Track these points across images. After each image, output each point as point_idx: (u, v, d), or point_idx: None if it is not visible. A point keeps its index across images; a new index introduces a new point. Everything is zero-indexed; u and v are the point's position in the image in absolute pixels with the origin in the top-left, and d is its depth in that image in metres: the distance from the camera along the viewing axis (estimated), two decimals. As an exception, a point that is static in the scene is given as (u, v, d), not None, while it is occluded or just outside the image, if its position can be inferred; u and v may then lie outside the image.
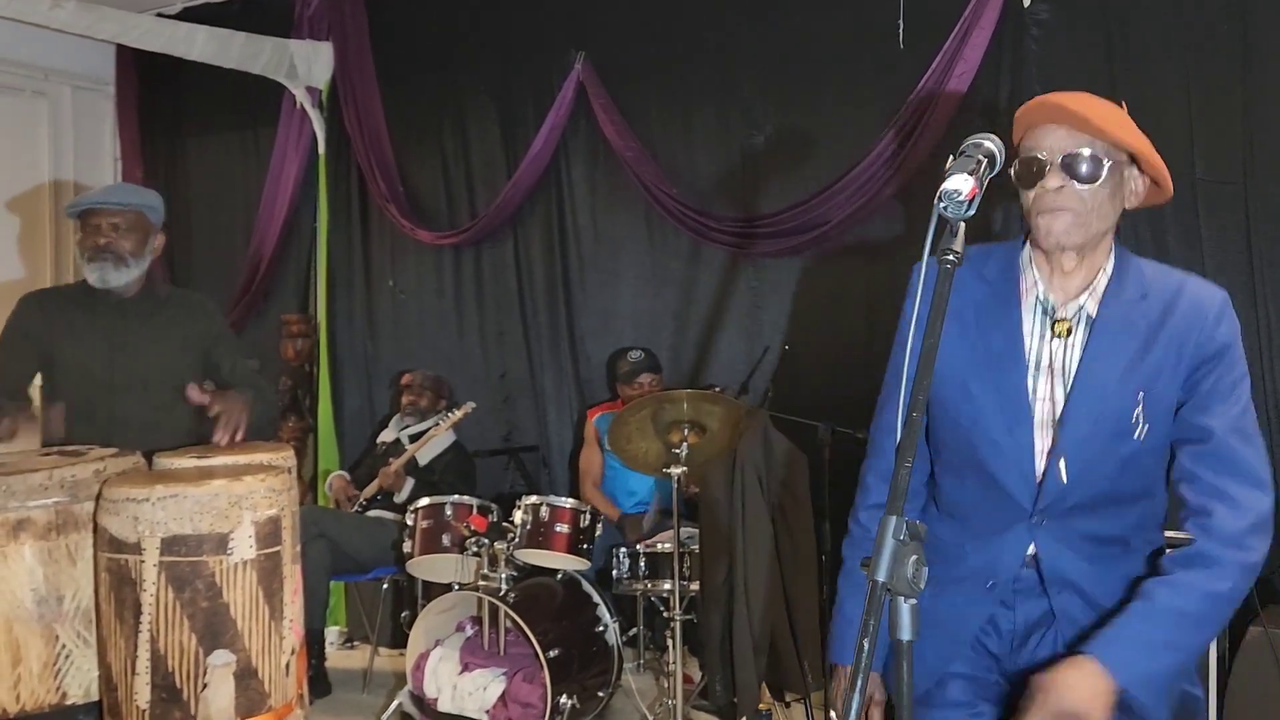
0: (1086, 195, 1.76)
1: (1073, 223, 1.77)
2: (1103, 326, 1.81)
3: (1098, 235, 1.81)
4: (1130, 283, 1.83)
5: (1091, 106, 1.78)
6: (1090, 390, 1.79)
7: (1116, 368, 1.79)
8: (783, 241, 4.65)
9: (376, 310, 5.81)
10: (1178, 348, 1.78)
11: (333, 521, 4.59)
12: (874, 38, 4.48)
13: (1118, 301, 1.81)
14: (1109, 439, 1.79)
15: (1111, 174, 1.77)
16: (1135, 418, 1.78)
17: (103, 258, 3.31)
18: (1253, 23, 3.82)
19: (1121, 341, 1.80)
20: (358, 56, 5.66)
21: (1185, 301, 1.81)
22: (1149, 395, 1.78)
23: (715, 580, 3.72)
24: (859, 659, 1.28)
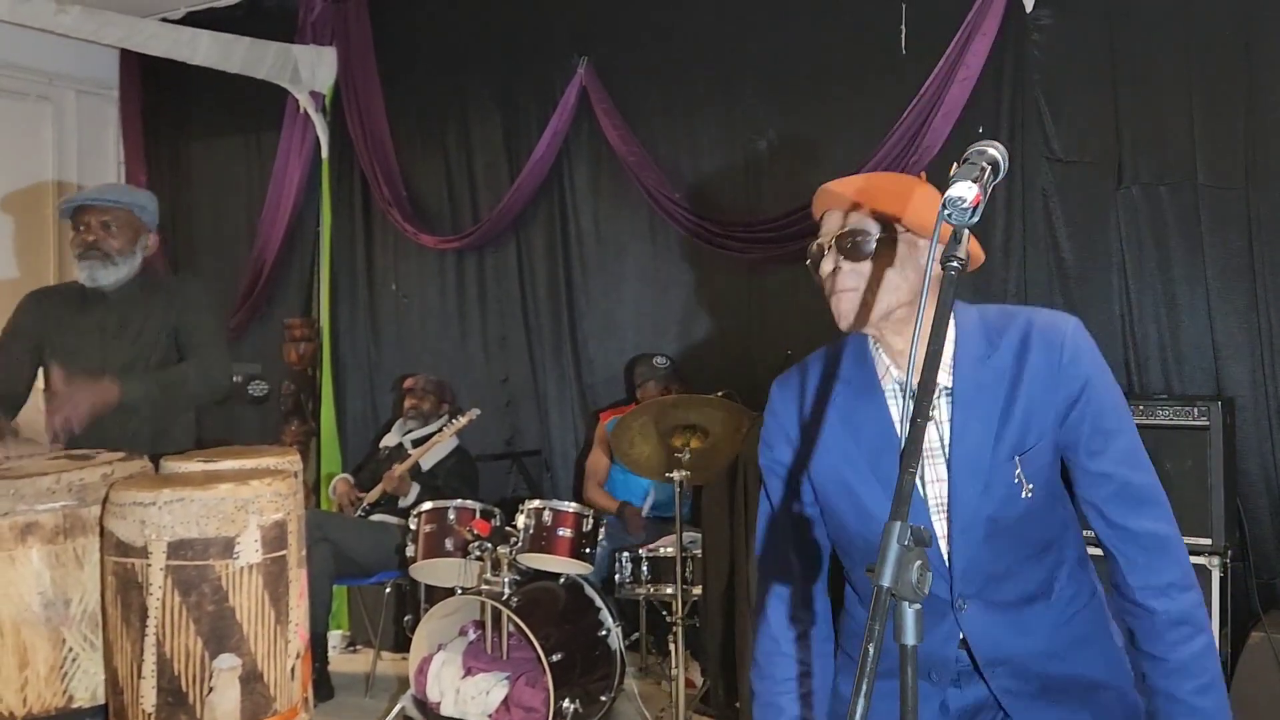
0: (865, 271, 1.74)
1: (855, 302, 1.74)
2: (960, 396, 1.76)
3: (896, 307, 1.75)
4: (975, 339, 1.77)
5: (858, 182, 1.77)
6: (968, 465, 1.74)
7: (986, 437, 1.74)
8: (785, 246, 4.65)
9: (379, 314, 5.83)
10: (1041, 393, 1.73)
11: (336, 525, 4.60)
12: (876, 43, 4.50)
13: (968, 363, 1.76)
14: (999, 508, 1.74)
15: (885, 246, 1.74)
16: (1017, 479, 1.74)
17: (91, 256, 3.32)
18: (1255, 29, 3.83)
19: (983, 406, 1.74)
20: (361, 61, 5.68)
21: (1035, 342, 1.75)
22: (1024, 456, 1.73)
23: (718, 585, 3.72)
24: (863, 665, 1.28)
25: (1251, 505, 3.83)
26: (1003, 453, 1.73)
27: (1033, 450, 1.74)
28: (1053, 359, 1.73)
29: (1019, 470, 1.73)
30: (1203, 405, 3.54)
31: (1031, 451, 1.74)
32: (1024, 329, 1.76)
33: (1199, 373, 3.93)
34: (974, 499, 1.74)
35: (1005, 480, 1.73)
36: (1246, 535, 3.79)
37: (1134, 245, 4.03)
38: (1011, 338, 1.76)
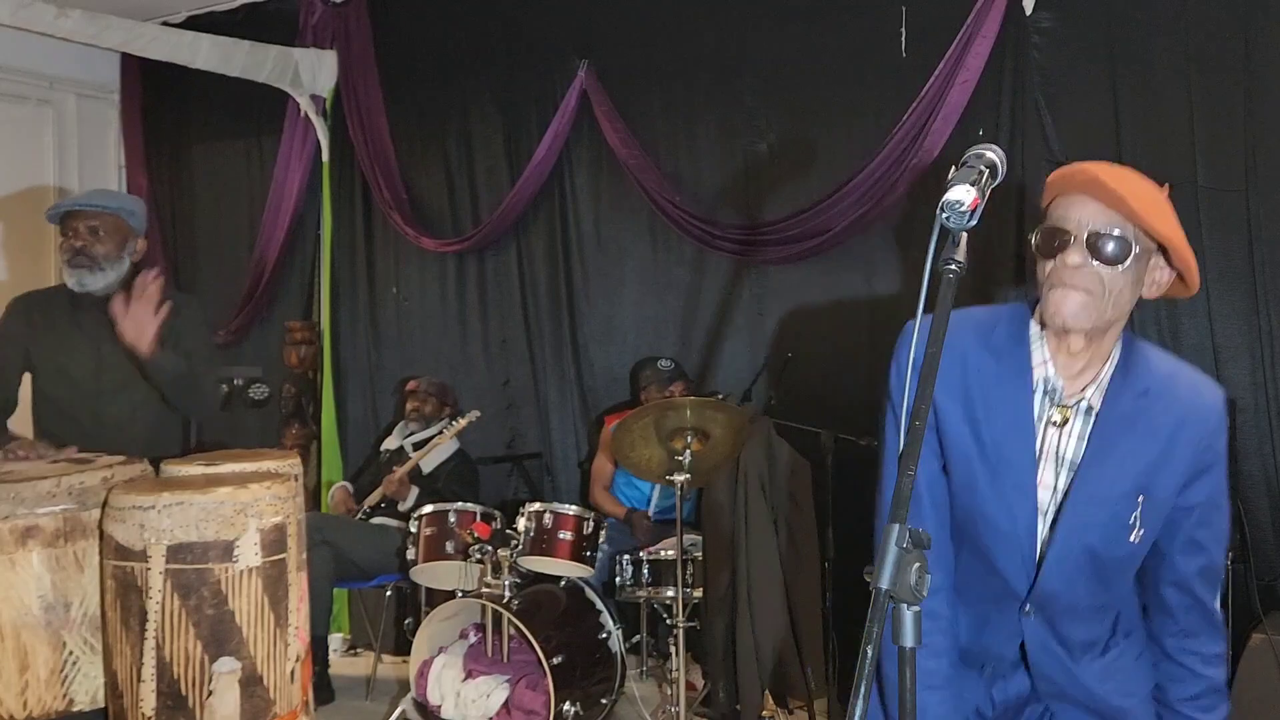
0: (1106, 278, 1.66)
1: (1085, 304, 1.67)
2: (1106, 419, 1.74)
3: (1109, 322, 1.72)
4: (1134, 375, 1.76)
5: (1131, 185, 1.69)
6: (1092, 487, 1.74)
7: (1120, 467, 1.74)
8: (786, 249, 4.66)
9: (380, 317, 5.82)
10: (1180, 451, 1.74)
11: (336, 528, 4.60)
12: (876, 46, 4.50)
13: (1121, 395, 1.74)
14: (1104, 539, 1.76)
15: (1138, 261, 1.68)
16: (1133, 520, 1.74)
17: (79, 261, 3.31)
18: (1255, 30, 3.83)
19: (1124, 439, 1.73)
20: (361, 64, 5.68)
21: (1188, 404, 1.76)
22: (1148, 499, 1.75)
23: (718, 587, 3.72)
24: (862, 667, 1.28)
25: (1252, 507, 3.83)
26: (1131, 486, 1.74)
27: (1155, 494, 1.75)
28: (1203, 426, 1.76)
29: (1138, 512, 1.74)
30: (1203, 407, 3.52)
31: (1154, 494, 1.75)
32: (1185, 386, 1.78)
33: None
34: (1088, 520, 1.75)
35: (1123, 514, 1.74)
36: (1247, 537, 3.78)
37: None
38: (1167, 389, 1.76)
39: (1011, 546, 1.79)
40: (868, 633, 1.30)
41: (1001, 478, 1.76)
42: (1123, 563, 1.81)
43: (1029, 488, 1.76)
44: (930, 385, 1.42)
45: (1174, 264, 1.75)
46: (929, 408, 1.41)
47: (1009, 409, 1.76)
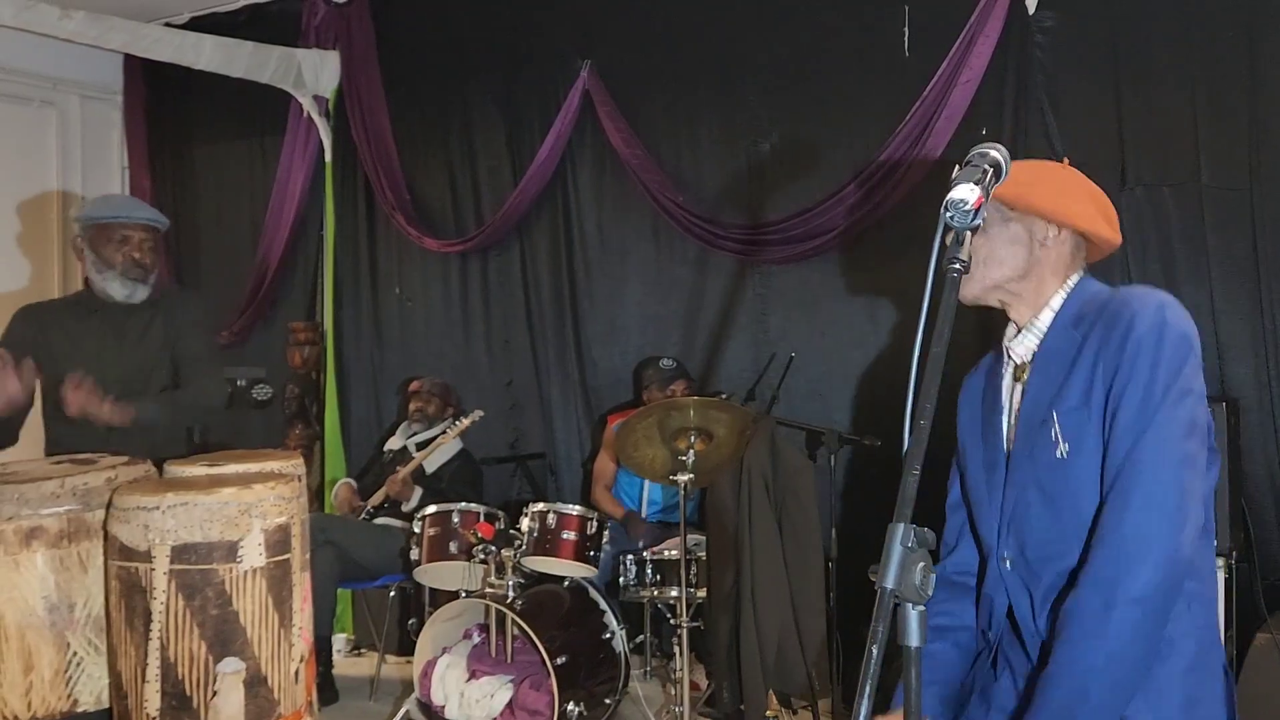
0: (977, 245, 1.82)
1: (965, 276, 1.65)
2: (1039, 358, 1.87)
3: (1006, 280, 1.88)
4: (1071, 314, 1.85)
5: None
6: (1026, 422, 1.85)
7: (1044, 394, 1.83)
8: (789, 249, 4.65)
9: (383, 318, 5.83)
10: (1093, 357, 1.76)
11: (340, 529, 4.60)
12: (879, 45, 4.49)
13: (1055, 333, 1.86)
14: (1041, 465, 1.81)
15: (992, 225, 1.86)
16: (1054, 436, 1.78)
17: (136, 274, 3.39)
18: (1258, 30, 3.82)
19: (1050, 370, 1.83)
20: (364, 65, 5.69)
21: (1107, 312, 1.78)
22: (1061, 413, 1.78)
23: (722, 587, 3.72)
24: (867, 666, 1.28)
25: (1256, 506, 3.82)
26: (1047, 411, 1.80)
27: (1071, 410, 1.77)
28: (1114, 325, 1.75)
29: (1056, 425, 1.78)
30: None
31: (1070, 411, 1.77)
32: (1104, 300, 1.82)
33: (1203, 374, 3.91)
34: (1024, 455, 1.84)
35: (1045, 437, 1.80)
36: (1252, 536, 3.77)
37: (1138, 246, 4.02)
38: (1107, 312, 1.78)
39: (985, 504, 1.91)
40: (872, 632, 1.30)
41: (984, 442, 1.95)
42: (1061, 483, 1.77)
43: (998, 448, 1.90)
44: (934, 385, 1.42)
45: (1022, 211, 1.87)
46: (934, 406, 1.41)
47: (990, 392, 1.97)
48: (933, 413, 1.41)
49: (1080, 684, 1.64)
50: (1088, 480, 1.75)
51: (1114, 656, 1.63)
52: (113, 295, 3.36)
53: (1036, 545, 1.83)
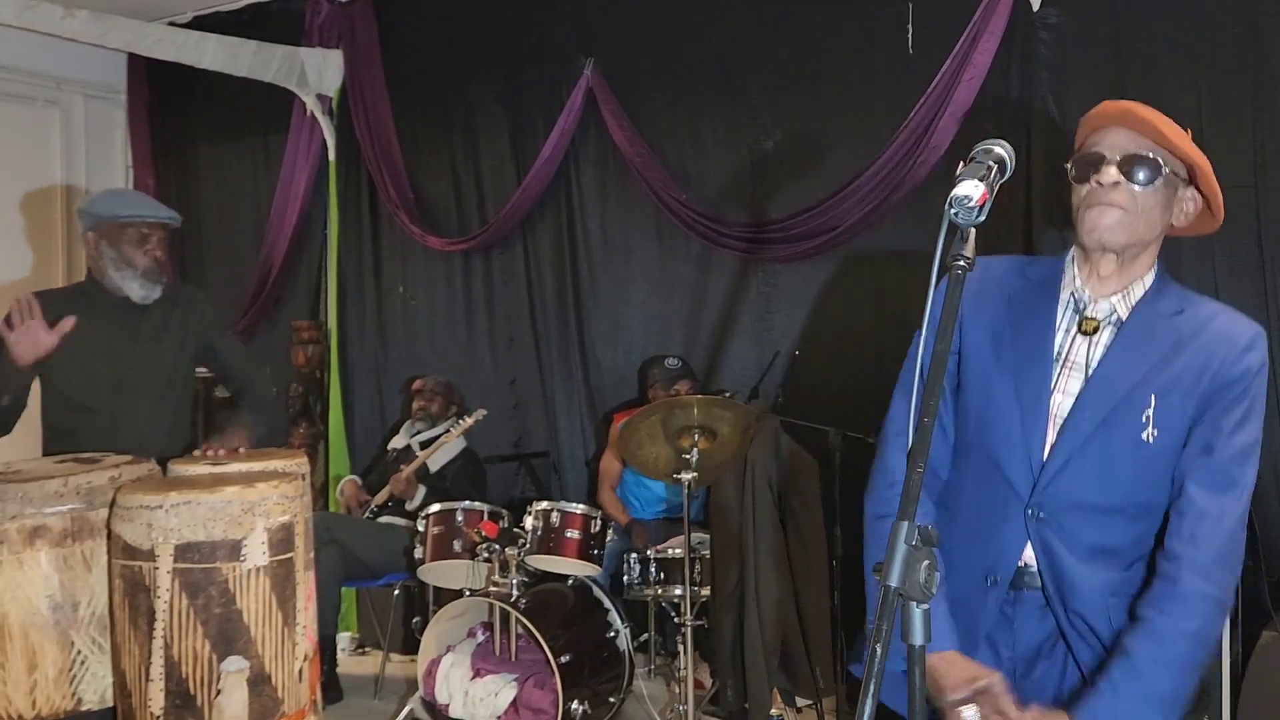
0: (1139, 195, 1.77)
1: (1119, 220, 1.78)
2: (1130, 330, 1.82)
3: (1141, 243, 1.82)
4: (1167, 299, 1.84)
5: (1160, 117, 1.79)
6: (1104, 386, 1.80)
7: (1135, 370, 1.79)
8: (793, 247, 4.65)
9: (387, 316, 5.83)
10: (1200, 366, 1.78)
11: (344, 527, 4.61)
12: (883, 43, 4.48)
13: (1150, 311, 1.83)
14: (1117, 438, 1.79)
15: (1167, 183, 1.79)
16: (1145, 418, 1.78)
17: (154, 275, 3.36)
18: (1263, 26, 3.80)
19: (1145, 347, 1.80)
20: (367, 64, 5.69)
21: (1217, 325, 1.81)
22: (1162, 400, 1.78)
23: (726, 586, 3.72)
24: (871, 665, 1.28)
25: (1262, 504, 3.81)
26: (1145, 387, 1.78)
27: (1171, 404, 1.77)
28: (1228, 346, 1.78)
29: (1150, 410, 1.77)
30: (1213, 404, 3.50)
31: (1171, 400, 1.77)
32: (1214, 313, 1.83)
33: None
34: (1093, 418, 1.79)
35: (1134, 413, 1.78)
36: (1258, 534, 3.76)
37: (1143, 243, 4.01)
38: (1200, 314, 1.82)
39: (1018, 448, 1.84)
40: (876, 630, 1.30)
41: (1021, 383, 1.84)
42: (1135, 463, 1.79)
43: (1043, 391, 1.83)
44: (938, 383, 1.42)
45: (1201, 190, 1.83)
46: (938, 403, 1.41)
47: (1034, 320, 1.87)
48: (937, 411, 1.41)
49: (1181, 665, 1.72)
50: (1163, 468, 1.80)
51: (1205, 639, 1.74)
52: (130, 294, 3.34)
53: (1084, 511, 1.82)
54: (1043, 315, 1.87)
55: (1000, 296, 1.90)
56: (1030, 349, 1.86)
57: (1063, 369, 1.85)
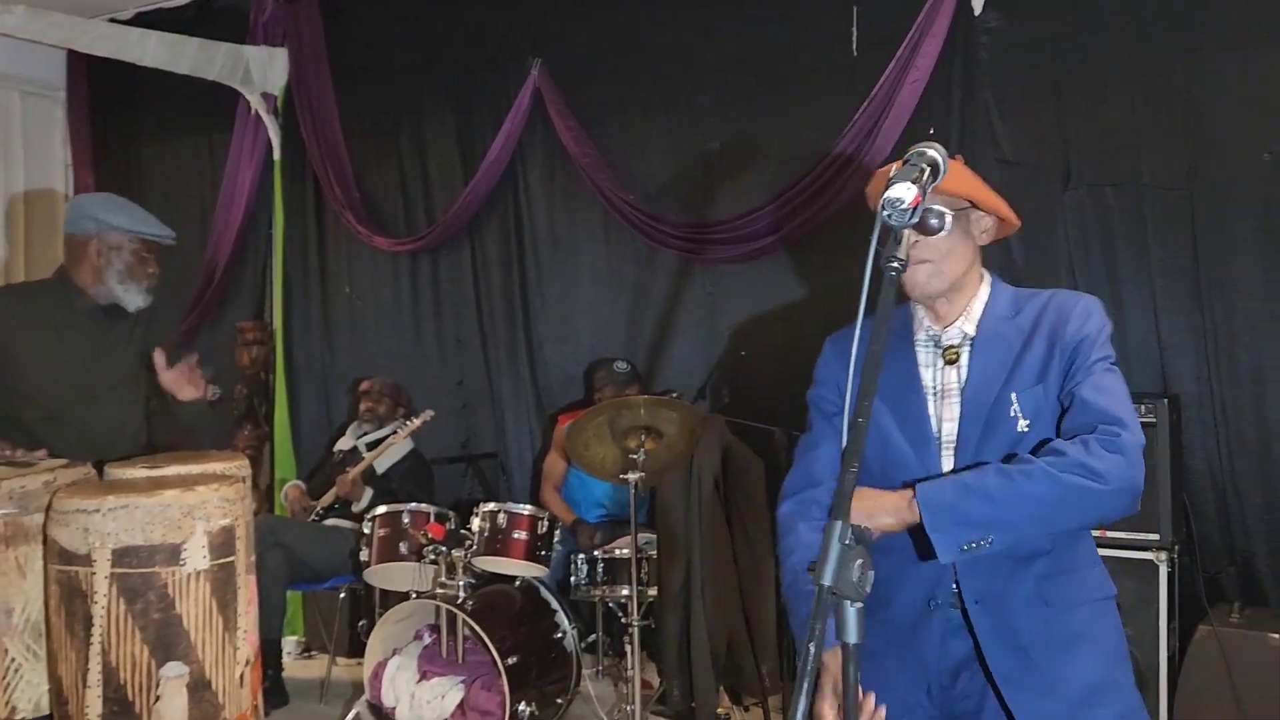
0: (938, 243, 1.94)
1: (932, 272, 1.96)
2: (980, 343, 1.99)
3: (959, 276, 1.99)
4: (1003, 304, 2.02)
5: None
6: (975, 401, 1.95)
7: (996, 377, 1.94)
8: (739, 247, 4.67)
9: (333, 317, 5.79)
10: (1048, 346, 1.94)
11: (289, 530, 4.57)
12: (828, 46, 4.52)
13: (992, 320, 2.00)
14: (1000, 443, 1.91)
15: (958, 219, 1.96)
16: (1014, 414, 1.91)
17: (152, 288, 3.40)
18: (1195, 35, 3.88)
19: (998, 353, 1.97)
20: (313, 62, 5.64)
21: (1052, 306, 1.98)
22: (1022, 394, 1.92)
23: (672, 586, 3.73)
24: (805, 663, 1.29)
25: (1198, 500, 3.89)
26: (1007, 390, 1.94)
27: (1031, 389, 1.91)
28: (1064, 317, 1.95)
29: (1015, 406, 1.91)
30: (1149, 403, 3.58)
31: (1030, 390, 1.91)
32: (1046, 299, 2.01)
33: (1145, 371, 3.98)
34: (977, 434, 1.93)
35: (1004, 414, 1.92)
36: (1193, 530, 3.85)
37: (1081, 246, 4.08)
38: (1035, 306, 2.00)
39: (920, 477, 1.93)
40: (811, 629, 1.31)
41: (902, 418, 2.00)
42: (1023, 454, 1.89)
43: (926, 426, 1.98)
44: (873, 384, 1.44)
45: (987, 210, 2.02)
46: (871, 404, 1.43)
47: (900, 364, 2.04)
48: (871, 411, 1.43)
49: (1036, 495, 1.79)
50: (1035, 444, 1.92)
51: (1058, 499, 1.80)
52: (125, 304, 3.32)
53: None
54: (907, 361, 2.03)
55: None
56: (905, 392, 2.01)
57: (942, 400, 1.99)
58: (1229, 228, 3.86)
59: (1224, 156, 3.85)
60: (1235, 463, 3.86)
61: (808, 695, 1.28)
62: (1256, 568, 3.85)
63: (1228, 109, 3.84)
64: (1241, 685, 3.49)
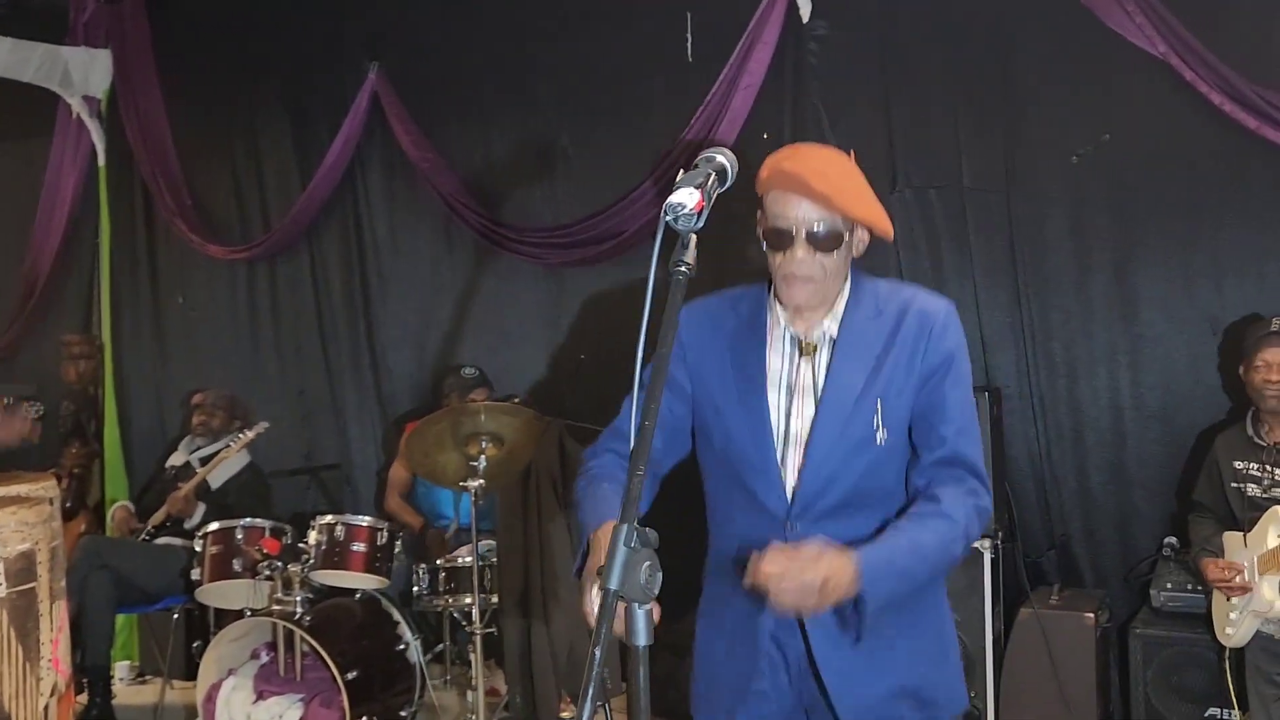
0: (827, 264, 1.91)
1: (813, 290, 1.92)
2: (843, 344, 1.96)
3: (835, 293, 1.97)
4: (865, 302, 1.99)
5: (832, 181, 1.89)
6: (834, 405, 1.93)
7: (857, 381, 1.93)
8: (581, 251, 4.68)
9: (166, 328, 5.60)
10: (908, 358, 1.93)
11: (116, 551, 4.40)
12: (664, 50, 4.55)
13: (855, 320, 1.97)
14: (853, 447, 1.92)
15: (847, 241, 1.93)
16: (875, 424, 1.92)
17: None
18: (1014, 46, 4.03)
19: (860, 356, 1.94)
20: (139, 64, 5.44)
21: (913, 314, 1.96)
22: (885, 403, 1.92)
23: (514, 592, 3.71)
24: (590, 667, 1.29)
25: (1019, 489, 4.06)
26: (869, 396, 1.91)
27: (893, 402, 1.92)
28: (926, 331, 1.94)
29: (878, 416, 1.91)
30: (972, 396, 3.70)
31: (891, 402, 1.91)
32: (907, 301, 1.99)
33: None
34: (834, 434, 1.92)
35: (865, 421, 1.92)
36: (1015, 518, 4.01)
37: (908, 245, 4.21)
38: (896, 307, 1.98)
39: (762, 477, 1.94)
40: (595, 634, 1.31)
41: (745, 410, 1.96)
42: (873, 465, 1.94)
43: (765, 414, 1.95)
44: (659, 387, 1.45)
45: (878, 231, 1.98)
46: (658, 407, 1.44)
47: (749, 356, 1.99)
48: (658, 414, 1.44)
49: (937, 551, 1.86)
50: (899, 462, 1.98)
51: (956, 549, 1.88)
52: None
53: (832, 516, 1.92)
54: (756, 354, 1.99)
55: (720, 336, 2.01)
56: (752, 385, 1.97)
57: (794, 395, 1.96)
58: (1044, 227, 4.03)
59: (1038, 160, 4.03)
60: (1053, 451, 4.04)
61: (592, 700, 1.28)
62: (1074, 551, 4.04)
63: (1041, 114, 4.02)
64: (1060, 663, 3.66)
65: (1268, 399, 3.14)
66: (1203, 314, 3.83)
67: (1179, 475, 3.86)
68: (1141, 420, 3.94)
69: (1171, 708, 3.53)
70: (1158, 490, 3.93)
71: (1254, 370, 3.21)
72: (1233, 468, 3.26)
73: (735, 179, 1.65)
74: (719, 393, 1.99)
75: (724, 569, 2.02)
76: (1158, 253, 3.89)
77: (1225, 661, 3.32)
